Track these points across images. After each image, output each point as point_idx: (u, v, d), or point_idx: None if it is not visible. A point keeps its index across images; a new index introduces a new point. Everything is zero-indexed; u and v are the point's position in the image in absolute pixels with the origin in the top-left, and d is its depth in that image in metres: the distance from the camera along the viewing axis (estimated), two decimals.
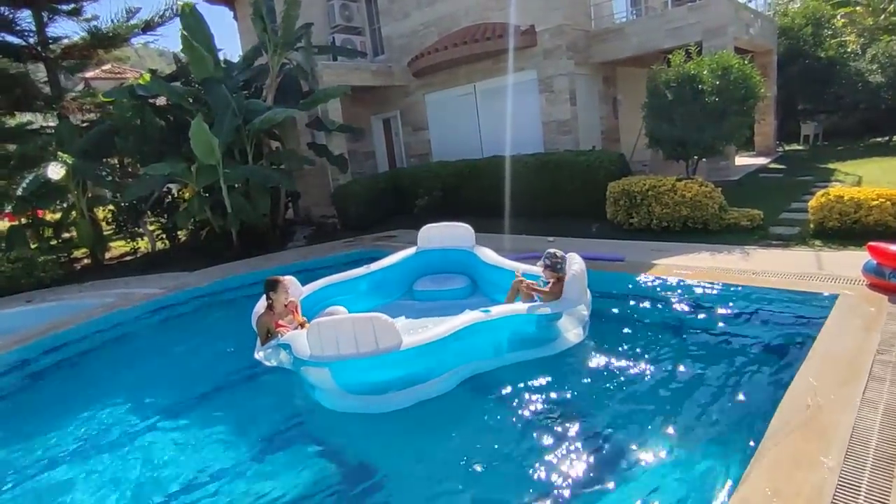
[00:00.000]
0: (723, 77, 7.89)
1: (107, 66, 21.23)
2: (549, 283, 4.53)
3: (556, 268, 4.47)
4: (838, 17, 17.12)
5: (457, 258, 5.71)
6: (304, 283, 5.42)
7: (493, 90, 11.90)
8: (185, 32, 9.39)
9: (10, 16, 11.15)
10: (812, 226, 6.48)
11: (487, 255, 5.62)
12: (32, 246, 10.57)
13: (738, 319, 4.54)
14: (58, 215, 11.40)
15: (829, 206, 6.29)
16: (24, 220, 11.25)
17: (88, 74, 21.66)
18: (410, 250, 6.03)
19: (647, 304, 5.18)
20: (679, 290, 5.18)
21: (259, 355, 4.51)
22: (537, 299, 4.52)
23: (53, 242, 11.10)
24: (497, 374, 3.99)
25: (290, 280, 5.01)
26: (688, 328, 4.54)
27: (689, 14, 10.07)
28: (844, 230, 6.17)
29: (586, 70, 11.41)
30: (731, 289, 4.97)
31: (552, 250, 4.59)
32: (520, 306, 4.24)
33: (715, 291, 5.02)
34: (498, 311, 4.05)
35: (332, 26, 13.62)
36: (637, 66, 12.39)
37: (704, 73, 7.95)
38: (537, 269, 4.79)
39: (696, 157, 8.73)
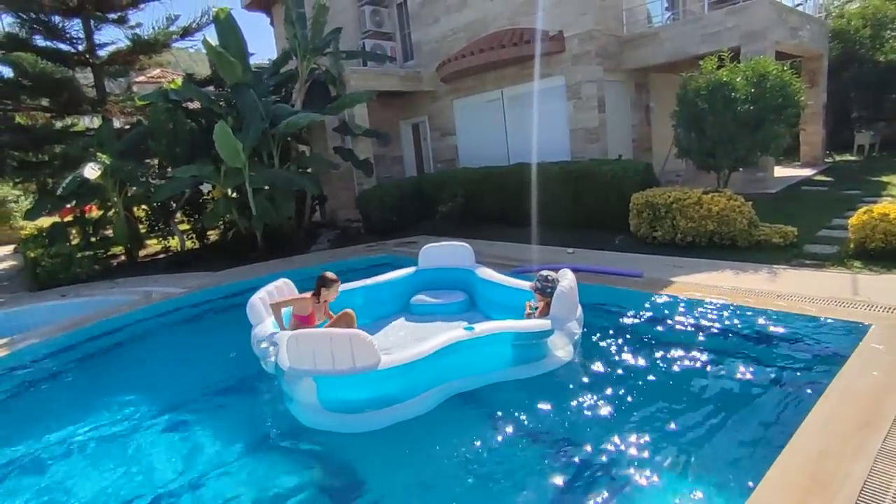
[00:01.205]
0: (758, 84, 7.44)
1: (156, 72, 22.23)
2: (538, 306, 4.41)
3: (545, 291, 4.36)
4: None
5: (456, 277, 5.63)
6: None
7: (521, 96, 11.69)
8: (207, 39, 9.69)
9: (62, 24, 11.81)
10: (852, 245, 5.98)
11: (486, 273, 5.57)
12: (74, 242, 11.13)
13: (751, 347, 4.19)
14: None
15: (871, 225, 5.78)
16: (68, 218, 11.87)
17: (140, 79, 22.76)
18: (409, 269, 6.02)
19: (654, 324, 4.88)
20: (691, 311, 4.86)
21: (260, 330, 4.48)
22: None
23: (93, 239, 11.62)
24: (479, 394, 3.84)
25: (289, 283, 5.07)
26: (693, 353, 4.20)
27: (727, 18, 9.58)
28: (889, 251, 5.65)
29: (617, 76, 11.05)
30: (749, 312, 4.61)
31: (545, 272, 4.49)
32: (505, 324, 4.10)
33: (730, 314, 4.68)
34: (482, 328, 3.91)
35: (362, 31, 13.75)
36: (672, 73, 11.90)
37: (738, 80, 7.51)
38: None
39: (727, 168, 8.25)
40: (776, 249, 6.43)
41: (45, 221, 12.90)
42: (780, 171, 11.75)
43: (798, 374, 3.70)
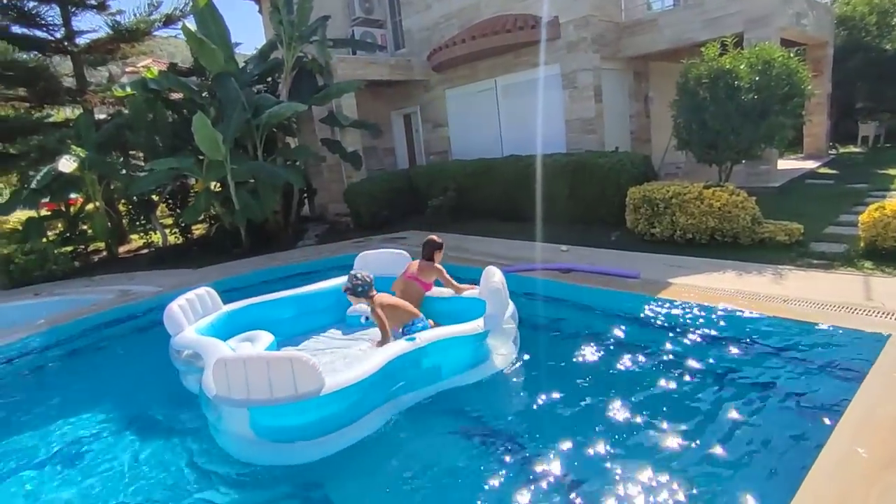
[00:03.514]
0: (763, 72, 7.03)
1: (148, 61, 21.64)
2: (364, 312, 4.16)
3: (356, 291, 4.05)
4: None
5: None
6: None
7: (515, 85, 11.26)
8: (187, 26, 9.23)
9: (37, 10, 11.32)
10: (862, 244, 5.62)
11: None
12: (51, 237, 10.73)
13: (756, 361, 3.75)
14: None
15: (883, 223, 5.41)
16: (45, 212, 11.46)
17: (130, 69, 22.17)
18: (343, 278, 5.64)
19: (647, 331, 4.50)
20: (689, 318, 4.46)
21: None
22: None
23: (72, 235, 11.23)
24: (423, 407, 3.56)
25: (211, 292, 4.79)
26: (688, 367, 3.79)
27: (730, 3, 9.12)
28: None
29: (615, 65, 10.61)
30: (754, 320, 4.22)
31: (353, 271, 4.18)
32: (444, 330, 3.79)
33: (733, 322, 4.27)
34: (425, 336, 3.65)
35: (352, 19, 13.27)
36: (672, 61, 11.45)
37: (742, 67, 7.10)
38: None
39: (728, 161, 7.86)
40: (781, 248, 6.07)
41: (26, 215, 12.48)
42: (782, 164, 11.37)
43: (810, 395, 3.29)
